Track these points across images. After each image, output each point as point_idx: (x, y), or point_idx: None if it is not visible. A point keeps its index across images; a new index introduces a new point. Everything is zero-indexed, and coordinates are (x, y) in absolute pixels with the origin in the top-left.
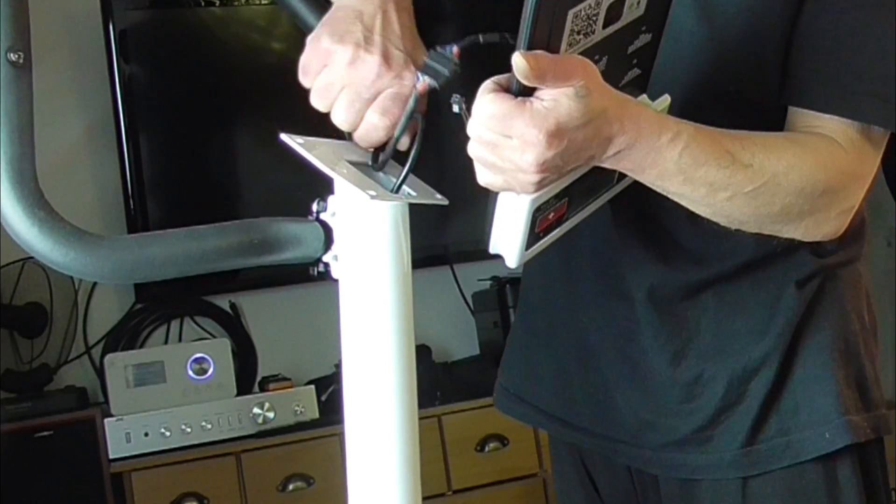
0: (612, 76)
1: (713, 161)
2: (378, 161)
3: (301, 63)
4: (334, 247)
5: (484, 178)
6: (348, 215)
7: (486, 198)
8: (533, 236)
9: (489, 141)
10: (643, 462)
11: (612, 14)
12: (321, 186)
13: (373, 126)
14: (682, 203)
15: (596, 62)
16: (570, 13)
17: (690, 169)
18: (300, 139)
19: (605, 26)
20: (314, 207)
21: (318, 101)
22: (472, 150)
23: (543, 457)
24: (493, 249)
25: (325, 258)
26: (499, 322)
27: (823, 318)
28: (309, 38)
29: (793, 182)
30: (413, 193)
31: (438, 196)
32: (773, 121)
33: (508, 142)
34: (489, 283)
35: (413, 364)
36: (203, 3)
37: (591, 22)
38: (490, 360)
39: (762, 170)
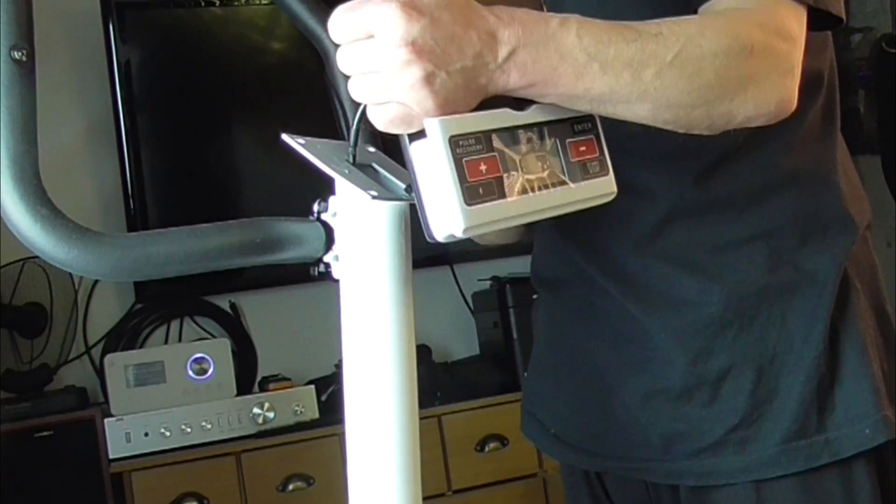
0: None
1: (618, 36)
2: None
3: None
4: (335, 247)
5: (379, 116)
6: (349, 215)
7: None
8: (468, 188)
9: (355, 53)
10: (677, 476)
11: None
12: (322, 187)
13: None
14: (624, 113)
15: None
16: None
17: (598, 50)
18: (301, 139)
19: None
20: (315, 208)
21: None
22: (354, 85)
23: (543, 457)
24: (436, 228)
25: (326, 258)
26: (499, 322)
27: (855, 313)
28: None
29: (712, 40)
30: None
31: None
32: None
33: (371, 41)
34: (489, 283)
35: (414, 364)
36: (203, 3)
37: None
38: (490, 360)
39: (673, 34)
